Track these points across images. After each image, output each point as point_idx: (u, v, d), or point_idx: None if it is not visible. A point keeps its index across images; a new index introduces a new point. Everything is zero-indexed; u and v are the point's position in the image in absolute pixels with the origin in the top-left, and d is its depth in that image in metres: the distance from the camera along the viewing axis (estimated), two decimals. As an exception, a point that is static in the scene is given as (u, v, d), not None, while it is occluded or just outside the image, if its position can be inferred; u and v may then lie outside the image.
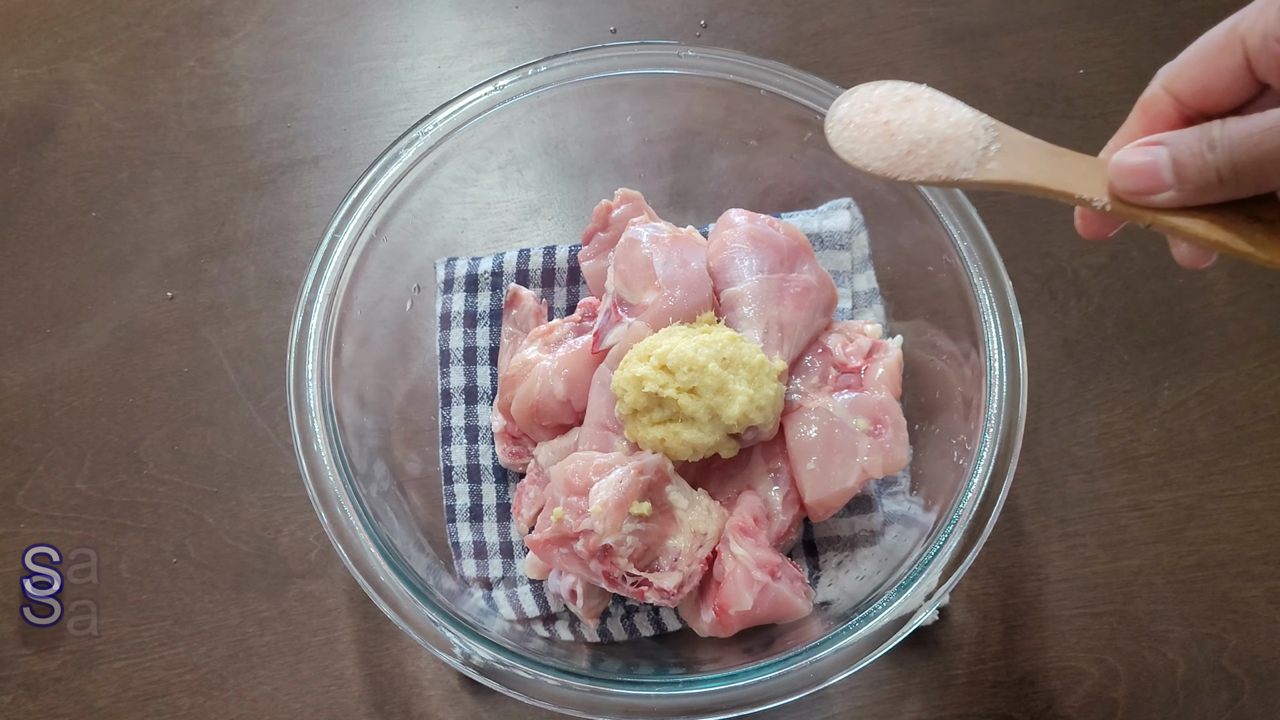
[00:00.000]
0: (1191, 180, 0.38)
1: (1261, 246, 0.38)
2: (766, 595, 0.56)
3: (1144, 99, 0.41)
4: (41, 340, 0.72)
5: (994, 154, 0.45)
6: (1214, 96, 0.40)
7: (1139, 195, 0.40)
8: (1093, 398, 0.70)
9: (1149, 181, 0.39)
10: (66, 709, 0.63)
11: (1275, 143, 0.36)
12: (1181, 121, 0.41)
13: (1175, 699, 0.62)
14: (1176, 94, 0.41)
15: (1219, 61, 0.40)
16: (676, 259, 0.59)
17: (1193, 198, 0.38)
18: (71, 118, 0.79)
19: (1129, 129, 0.42)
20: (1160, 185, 0.39)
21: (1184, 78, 0.41)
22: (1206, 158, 0.37)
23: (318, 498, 0.55)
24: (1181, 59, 0.41)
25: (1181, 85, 0.41)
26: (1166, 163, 0.39)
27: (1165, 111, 0.41)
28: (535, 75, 0.65)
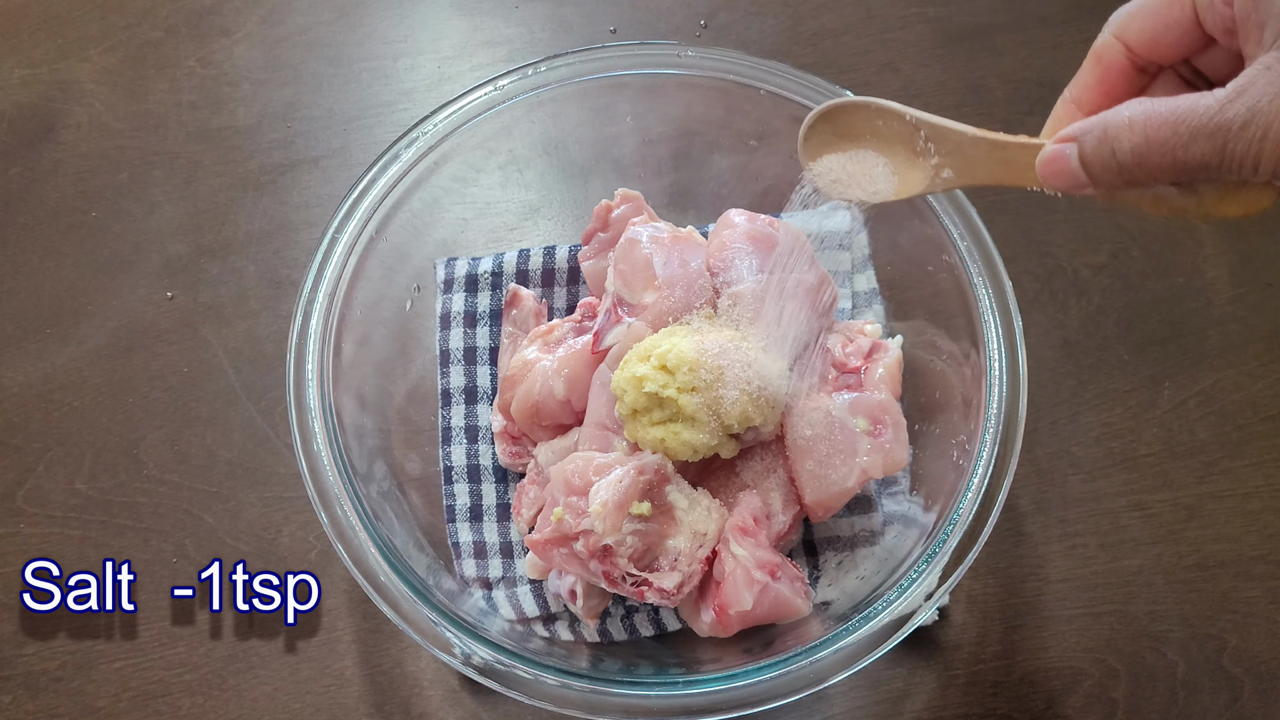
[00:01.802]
0: (1102, 179, 0.39)
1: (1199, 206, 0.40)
2: (766, 595, 0.56)
3: (1096, 47, 0.42)
4: (41, 340, 0.72)
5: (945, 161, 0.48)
6: (1162, 49, 0.41)
7: (1068, 190, 0.41)
8: (1093, 397, 0.70)
9: (1069, 181, 0.41)
10: (66, 709, 0.63)
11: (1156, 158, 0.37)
12: (1133, 70, 0.41)
13: (1175, 699, 0.62)
14: (1128, 43, 0.41)
15: (1168, 14, 0.40)
16: (676, 259, 0.59)
17: (1110, 191, 0.40)
18: (71, 118, 0.79)
19: (1082, 78, 0.43)
20: (1079, 183, 0.40)
21: (1134, 28, 0.41)
22: (1110, 159, 0.38)
23: (318, 498, 0.55)
24: (1132, 7, 0.41)
25: (1132, 35, 0.41)
26: (1078, 165, 0.40)
27: (1117, 60, 0.42)
28: (535, 75, 0.65)
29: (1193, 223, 0.75)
